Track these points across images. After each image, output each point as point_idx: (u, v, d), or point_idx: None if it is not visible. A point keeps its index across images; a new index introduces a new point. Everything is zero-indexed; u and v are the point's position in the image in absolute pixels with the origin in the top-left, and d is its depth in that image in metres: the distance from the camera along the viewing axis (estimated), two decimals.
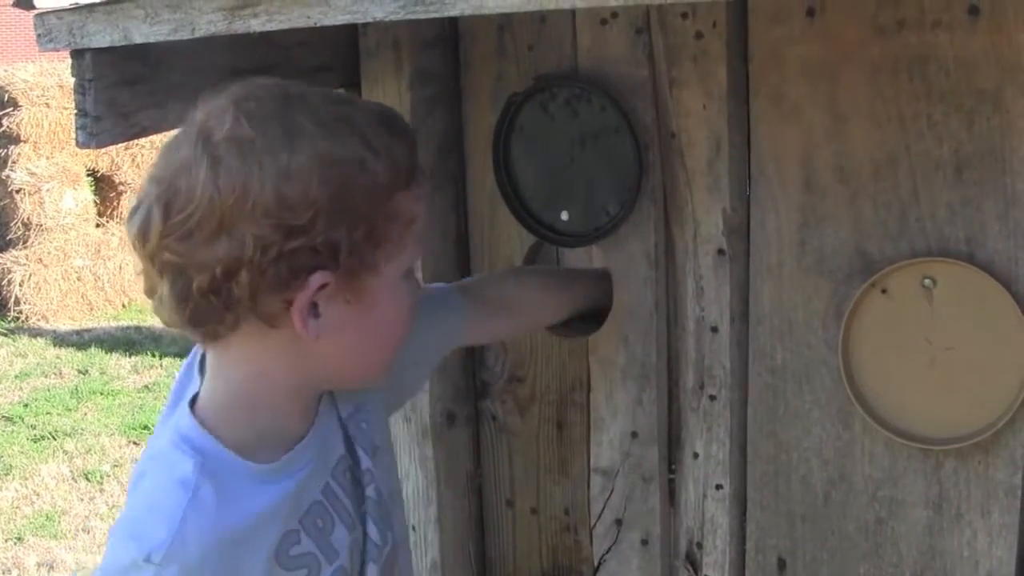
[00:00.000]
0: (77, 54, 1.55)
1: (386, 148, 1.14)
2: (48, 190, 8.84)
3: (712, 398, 1.68)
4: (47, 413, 6.63)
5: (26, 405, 6.76)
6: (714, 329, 1.66)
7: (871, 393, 1.54)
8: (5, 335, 8.28)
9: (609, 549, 1.83)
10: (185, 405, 1.19)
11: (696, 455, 1.72)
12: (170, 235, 1.09)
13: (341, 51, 1.85)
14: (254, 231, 1.07)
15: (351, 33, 1.84)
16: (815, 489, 1.63)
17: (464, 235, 1.91)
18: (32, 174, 8.76)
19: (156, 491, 1.14)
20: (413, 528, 1.95)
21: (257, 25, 1.36)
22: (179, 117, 1.72)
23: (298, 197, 1.08)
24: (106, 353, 7.75)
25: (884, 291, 1.51)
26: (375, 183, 1.13)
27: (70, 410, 6.66)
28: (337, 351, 1.18)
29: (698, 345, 1.69)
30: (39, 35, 1.59)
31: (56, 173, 8.91)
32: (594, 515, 1.84)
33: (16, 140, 8.73)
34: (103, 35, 1.50)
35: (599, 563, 1.84)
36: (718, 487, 1.70)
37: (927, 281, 1.48)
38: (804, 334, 1.60)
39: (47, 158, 8.86)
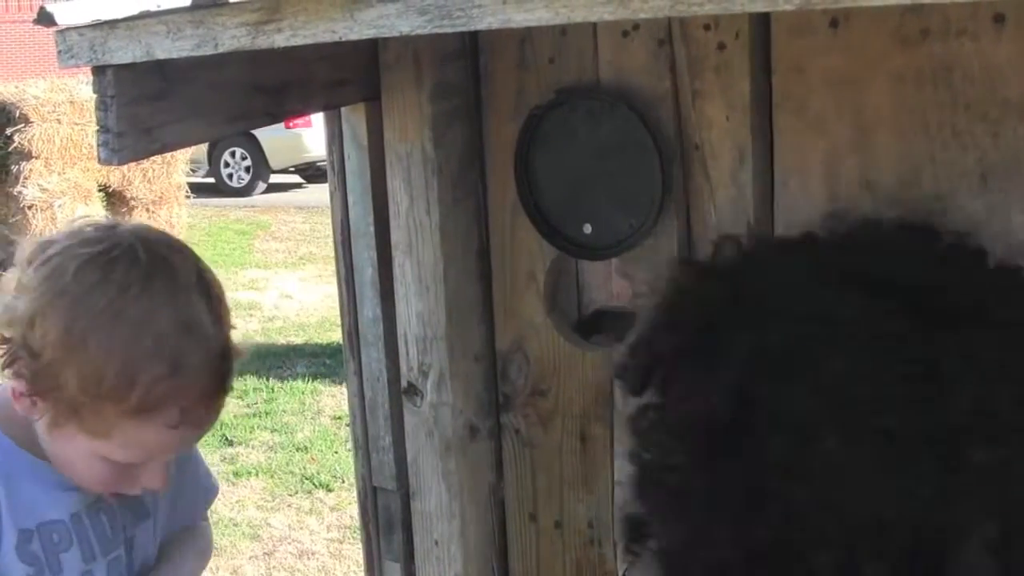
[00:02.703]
0: (99, 70, 1.54)
1: (133, 367, 1.40)
2: (60, 205, 8.89)
3: None
4: None
5: None
6: None
7: None
8: None
9: (632, 562, 1.82)
10: None
11: None
12: None
13: (361, 65, 1.85)
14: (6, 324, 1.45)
15: (371, 46, 1.84)
16: None
17: (485, 247, 1.90)
18: (44, 190, 8.81)
19: None
20: (436, 543, 1.94)
21: (281, 40, 1.35)
22: (201, 133, 1.73)
23: (42, 333, 1.40)
24: None
25: None
26: (94, 383, 1.39)
27: None
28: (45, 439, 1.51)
29: None
30: (60, 52, 1.59)
31: (68, 188, 8.97)
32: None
33: (28, 156, 8.79)
34: (125, 51, 1.49)
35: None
36: None
37: None
38: None
39: (59, 174, 8.91)
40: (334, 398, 7.45)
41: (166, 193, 10.23)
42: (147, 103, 1.58)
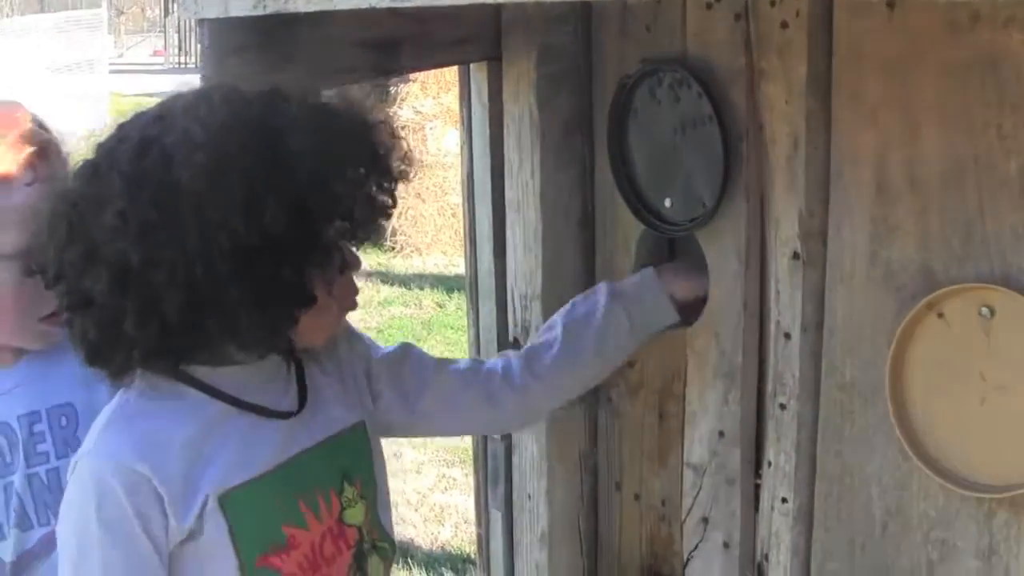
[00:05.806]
0: (199, 23, 1.69)
1: None
2: (431, 128, 9.43)
3: (782, 407, 1.60)
4: (397, 341, 7.12)
5: (380, 331, 7.31)
6: (787, 336, 1.57)
7: (919, 426, 1.41)
8: (379, 263, 8.94)
9: (696, 547, 1.79)
10: None
11: (769, 464, 1.64)
12: None
13: (482, 24, 1.89)
14: None
15: (494, 7, 1.86)
16: (874, 518, 1.51)
17: (591, 215, 1.90)
18: (418, 112, 9.37)
19: None
20: (529, 496, 1.99)
21: (292, 6, 1.44)
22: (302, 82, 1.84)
23: None
24: None
25: (940, 315, 1.37)
26: None
27: (419, 340, 7.11)
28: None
29: (775, 350, 1.60)
30: (178, 3, 1.76)
31: (440, 112, 9.47)
32: (685, 510, 1.80)
33: (405, 79, 9.35)
34: (212, 7, 1.62)
35: (687, 559, 1.81)
36: (783, 500, 1.62)
37: (984, 310, 1.33)
38: (872, 352, 1.48)
39: (433, 98, 9.44)
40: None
41: None
42: (234, 55, 1.69)
